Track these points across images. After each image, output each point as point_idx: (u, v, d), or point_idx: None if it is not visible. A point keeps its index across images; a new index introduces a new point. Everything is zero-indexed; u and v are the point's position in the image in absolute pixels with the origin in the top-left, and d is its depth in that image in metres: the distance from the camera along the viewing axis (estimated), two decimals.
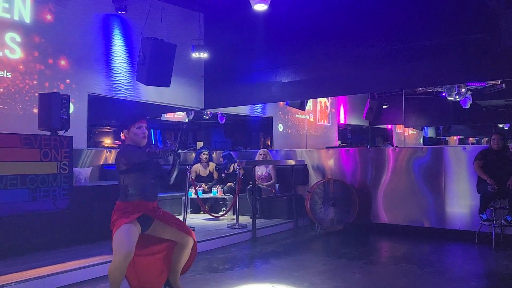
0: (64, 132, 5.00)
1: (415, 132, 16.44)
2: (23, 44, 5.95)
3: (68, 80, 6.48)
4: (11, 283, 3.48)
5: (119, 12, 7.07)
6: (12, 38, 5.84)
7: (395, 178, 6.52)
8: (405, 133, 15.78)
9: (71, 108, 5.98)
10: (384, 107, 12.72)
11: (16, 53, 5.87)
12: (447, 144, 15.97)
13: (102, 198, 5.27)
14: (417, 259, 4.96)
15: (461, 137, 16.86)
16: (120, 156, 3.16)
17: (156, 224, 3.22)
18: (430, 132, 16.87)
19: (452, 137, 16.97)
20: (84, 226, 5.02)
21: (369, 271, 4.40)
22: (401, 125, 14.08)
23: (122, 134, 3.22)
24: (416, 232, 6.22)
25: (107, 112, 10.56)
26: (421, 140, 16.67)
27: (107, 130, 15.35)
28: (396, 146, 11.63)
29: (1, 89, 5.71)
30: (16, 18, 5.89)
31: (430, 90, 11.51)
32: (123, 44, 7.33)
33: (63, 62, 6.42)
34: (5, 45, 5.76)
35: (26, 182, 4.38)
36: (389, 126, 14.75)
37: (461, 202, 5.95)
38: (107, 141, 15.08)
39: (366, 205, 6.64)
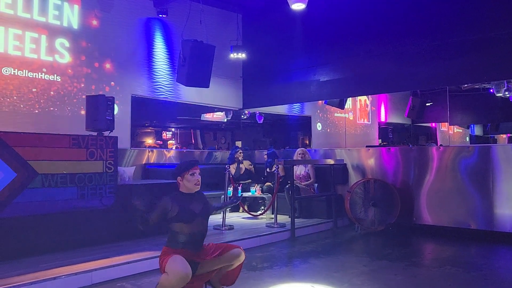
0: (109, 133, 5.19)
1: (461, 131, 15.81)
2: (71, 49, 6.24)
3: (112, 83, 6.73)
4: (62, 275, 3.67)
5: (160, 15, 7.27)
6: (62, 43, 6.14)
7: (440, 178, 6.30)
8: (450, 132, 15.21)
9: (116, 109, 6.20)
10: (427, 104, 12.30)
11: (65, 58, 6.17)
12: (496, 143, 15.22)
13: (145, 196, 5.43)
14: (463, 262, 4.78)
15: (511, 135, 16.01)
16: (171, 203, 3.18)
17: (204, 263, 3.21)
18: (477, 130, 16.16)
19: (501, 135, 16.15)
20: (129, 223, 5.17)
21: (412, 274, 4.28)
22: (446, 123, 13.57)
23: (177, 181, 3.29)
24: (462, 234, 5.98)
25: (149, 112, 10.90)
26: (468, 139, 16.00)
27: (149, 130, 15.82)
28: (441, 145, 11.22)
29: (52, 92, 6.02)
30: (65, 24, 6.18)
31: (477, 86, 11.03)
32: (164, 47, 7.53)
33: (108, 66, 6.68)
34: (55, 50, 6.06)
35: (75, 180, 4.59)
36: (433, 124, 14.26)
37: (511, 203, 5.67)
38: (149, 141, 15.53)
39: (408, 206, 6.46)
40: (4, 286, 3.37)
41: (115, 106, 5.93)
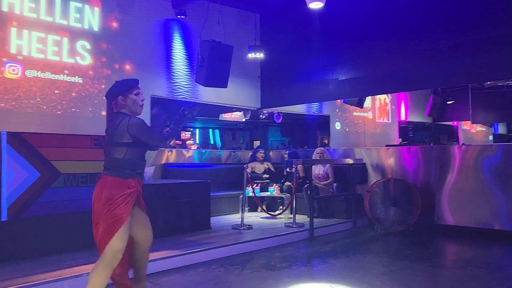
0: None
1: (483, 129, 15.46)
2: (92, 51, 6.35)
3: None
4: (84, 274, 3.74)
5: (178, 16, 7.34)
6: (83, 45, 6.26)
7: (462, 178, 6.17)
8: (473, 130, 14.89)
9: None
10: (448, 102, 12.08)
11: (86, 60, 6.29)
12: None
13: (165, 196, 5.50)
14: (487, 263, 4.67)
15: None
16: (133, 126, 2.83)
17: (136, 207, 3.00)
18: (501, 129, 15.79)
19: None
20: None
21: (434, 274, 4.21)
22: (468, 121, 13.29)
23: (113, 102, 2.94)
24: (485, 234, 5.85)
25: (167, 113, 11.02)
26: (491, 137, 15.65)
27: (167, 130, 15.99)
28: (463, 144, 11.00)
29: (74, 94, 6.15)
30: (86, 27, 6.30)
31: (500, 84, 10.76)
32: (183, 47, 7.59)
33: (128, 67, 6.77)
34: (76, 52, 6.18)
35: (95, 180, 4.66)
36: (455, 123, 13.99)
37: None
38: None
39: (429, 206, 6.35)
40: (29, 284, 3.46)
41: None
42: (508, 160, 5.76)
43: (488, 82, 10.29)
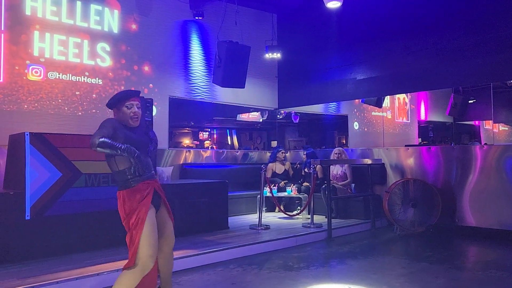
0: None
1: (506, 129, 15.08)
2: (112, 53, 6.46)
3: (151, 85, 6.91)
4: (104, 272, 3.81)
5: (196, 18, 7.39)
6: (103, 47, 6.37)
7: (484, 178, 6.04)
8: (495, 130, 14.54)
9: (154, 110, 6.36)
10: (470, 102, 11.83)
11: (106, 62, 6.39)
12: None
13: (183, 196, 5.56)
14: (510, 265, 4.56)
15: None
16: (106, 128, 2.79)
17: (163, 208, 3.02)
18: None
19: None
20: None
21: (454, 277, 4.14)
22: (490, 121, 12.98)
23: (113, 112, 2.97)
24: (508, 236, 5.71)
25: (185, 113, 11.10)
26: None
27: (186, 131, 16.12)
28: (485, 144, 10.76)
29: (94, 95, 6.26)
30: (105, 29, 6.41)
31: None
32: (200, 48, 7.65)
33: (146, 68, 6.86)
34: (96, 54, 6.29)
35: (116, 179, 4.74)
36: (476, 122, 13.68)
37: None
38: (186, 141, 15.82)
39: (450, 207, 6.24)
40: (52, 280, 3.54)
41: (154, 107, 6.09)
42: None
43: (511, 81, 10.03)
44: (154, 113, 6.02)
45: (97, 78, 6.29)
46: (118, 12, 6.56)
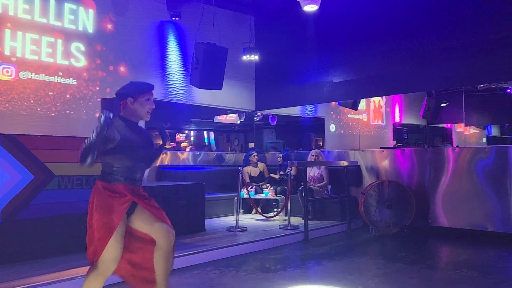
0: None
1: (477, 131, 15.56)
2: (87, 52, 6.33)
3: None
4: (78, 276, 3.72)
5: (173, 18, 7.33)
6: (77, 47, 6.23)
7: (456, 180, 6.21)
8: (466, 132, 14.98)
9: None
10: (442, 105, 12.15)
11: (80, 62, 6.26)
12: None
13: (159, 198, 5.47)
14: (480, 265, 4.70)
15: None
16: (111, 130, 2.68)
17: (139, 210, 2.82)
18: (494, 131, 15.90)
19: None
20: None
21: (428, 277, 4.23)
22: (462, 124, 13.38)
23: (121, 102, 2.83)
24: (479, 236, 5.89)
25: (162, 115, 10.99)
26: (484, 140, 15.75)
27: None
28: (457, 146, 11.07)
29: (68, 96, 6.12)
30: (80, 28, 6.28)
31: (493, 86, 10.85)
32: (177, 49, 7.58)
33: (122, 69, 6.76)
34: (71, 54, 6.15)
35: (90, 182, 4.65)
36: (449, 125, 14.07)
37: None
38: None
39: (423, 208, 6.38)
40: (25, 285, 3.44)
41: None
42: (502, 162, 5.81)
43: (482, 85, 10.36)
44: None
45: (71, 78, 6.15)
46: (93, 11, 6.44)
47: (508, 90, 10.30)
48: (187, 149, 14.43)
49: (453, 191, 6.22)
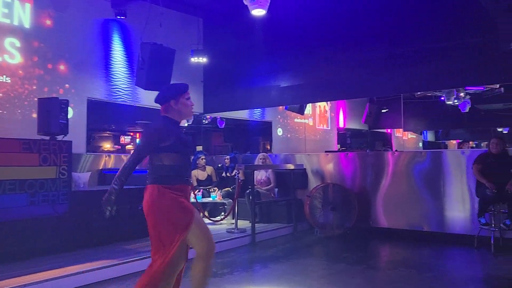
0: (63, 137, 4.99)
1: (414, 136, 16.44)
2: (23, 49, 5.96)
3: (67, 85, 6.49)
4: (12, 287, 3.48)
5: (118, 17, 7.09)
6: (12, 43, 5.85)
7: (395, 182, 6.52)
8: (405, 137, 15.78)
9: (70, 112, 5.98)
10: (383, 111, 12.72)
11: (15, 58, 5.88)
12: (447, 148, 15.96)
13: (99, 203, 5.25)
14: (417, 263, 4.95)
15: (460, 141, 16.86)
16: (159, 131, 2.76)
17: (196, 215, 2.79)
18: (430, 136, 16.87)
19: (452, 141, 16.97)
20: (83, 231, 5.01)
21: (369, 276, 4.39)
22: (400, 129, 14.08)
23: (163, 106, 2.89)
24: (416, 236, 6.21)
25: (106, 117, 10.58)
26: (421, 144, 16.67)
27: (107, 134, 15.37)
28: (396, 150, 11.63)
29: (0, 94, 5.72)
30: (15, 23, 5.90)
31: (429, 94, 11.52)
32: (123, 49, 7.35)
33: (62, 67, 6.43)
34: (4, 50, 5.76)
35: (25, 186, 4.37)
36: (389, 130, 14.76)
37: (460, 206, 5.95)
38: (107, 145, 15.09)
39: (365, 210, 6.63)
40: None
41: (70, 109, 5.72)
42: (436, 165, 6.17)
43: (419, 93, 10.97)
44: (70, 115, 5.64)
45: (4, 76, 5.76)
46: (30, 5, 6.08)
47: (442, 98, 10.98)
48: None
49: (392, 193, 6.51)
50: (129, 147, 15.40)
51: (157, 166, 2.73)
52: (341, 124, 12.99)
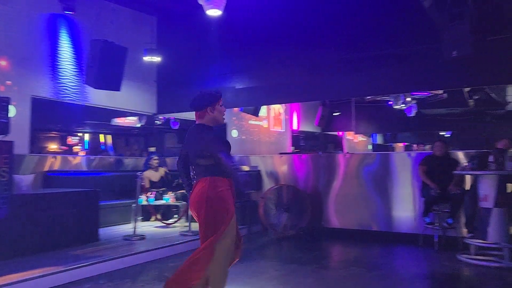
0: (4, 137, 4.69)
1: (364, 139, 17.00)
2: None
3: (9, 82, 6.11)
4: None
5: (66, 12, 6.76)
6: None
7: (346, 184, 6.69)
8: (355, 140, 16.28)
9: (12, 111, 5.65)
10: (335, 114, 13.05)
11: None
12: (394, 151, 16.65)
13: (46, 207, 5.00)
14: (366, 262, 5.11)
15: (406, 143, 17.65)
16: (221, 141, 3.09)
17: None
18: (379, 139, 17.53)
19: (399, 143, 17.72)
20: (25, 236, 4.73)
21: (321, 276, 4.47)
22: (352, 132, 14.51)
23: (199, 113, 3.06)
24: (365, 236, 6.41)
25: (53, 116, 10.08)
26: (370, 147, 17.27)
27: (53, 135, 14.67)
28: (347, 152, 11.95)
29: None
30: None
31: (378, 99, 11.97)
32: (71, 46, 7.02)
33: (3, 63, 6.05)
34: None
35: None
36: (340, 133, 15.16)
37: (406, 206, 6.21)
38: (53, 146, 14.39)
39: (318, 210, 6.76)
40: None
41: (12, 107, 5.40)
42: (384, 167, 6.41)
43: (369, 97, 11.36)
44: (12, 114, 5.32)
45: None
46: None
47: (390, 103, 11.43)
48: (80, 153, 13.44)
49: (343, 194, 6.69)
50: (76, 148, 14.78)
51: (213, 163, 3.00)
52: (295, 127, 13.17)
